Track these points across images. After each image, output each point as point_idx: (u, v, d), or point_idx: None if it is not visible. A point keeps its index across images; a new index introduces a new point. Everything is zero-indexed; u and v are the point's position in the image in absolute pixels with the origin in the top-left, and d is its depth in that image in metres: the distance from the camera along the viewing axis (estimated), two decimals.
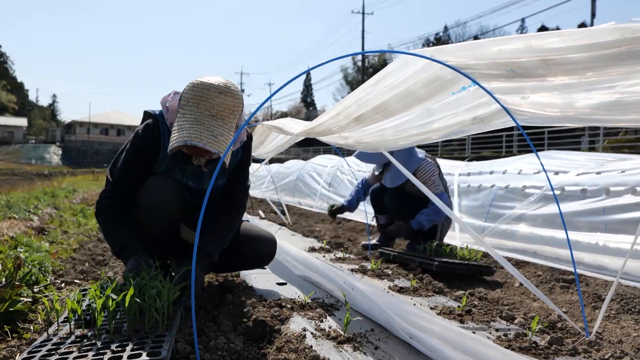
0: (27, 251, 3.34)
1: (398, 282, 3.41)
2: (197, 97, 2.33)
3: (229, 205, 2.83)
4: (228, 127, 2.35)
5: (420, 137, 3.05)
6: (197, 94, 2.33)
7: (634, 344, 2.36)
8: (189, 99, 2.34)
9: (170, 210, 2.61)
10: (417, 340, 2.08)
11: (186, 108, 2.34)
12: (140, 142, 2.59)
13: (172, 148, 2.27)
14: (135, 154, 2.60)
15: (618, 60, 1.48)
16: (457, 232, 5.54)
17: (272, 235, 3.16)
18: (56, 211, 6.62)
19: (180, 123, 2.31)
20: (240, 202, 2.90)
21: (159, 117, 2.63)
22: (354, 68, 58.95)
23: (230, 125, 2.37)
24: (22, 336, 2.12)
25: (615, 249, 3.84)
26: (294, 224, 7.44)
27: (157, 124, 2.61)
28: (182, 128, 2.27)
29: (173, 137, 2.28)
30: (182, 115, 2.34)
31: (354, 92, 2.63)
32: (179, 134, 2.26)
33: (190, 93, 2.35)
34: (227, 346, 1.94)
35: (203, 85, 2.34)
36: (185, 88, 2.41)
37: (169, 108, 2.58)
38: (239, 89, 2.47)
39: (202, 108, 2.31)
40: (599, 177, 4.40)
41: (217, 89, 2.34)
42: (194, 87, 2.35)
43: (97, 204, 2.63)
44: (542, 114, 2.27)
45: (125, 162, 2.61)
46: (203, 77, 2.41)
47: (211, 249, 2.59)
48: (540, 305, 3.06)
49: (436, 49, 2.02)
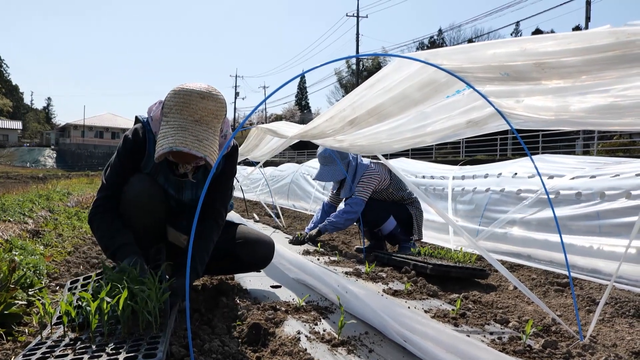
0: (22, 254, 3.32)
1: (392, 285, 3.41)
2: (180, 103, 2.33)
3: (207, 218, 2.73)
4: (212, 131, 2.35)
5: (415, 140, 3.06)
6: (179, 100, 2.34)
7: (628, 348, 2.37)
8: (172, 106, 2.35)
9: (152, 204, 2.63)
10: (412, 343, 2.08)
11: (169, 115, 2.34)
12: (131, 145, 2.61)
13: (158, 155, 2.27)
14: (125, 157, 2.62)
15: (613, 63, 1.48)
16: (452, 236, 5.55)
17: (269, 237, 3.17)
18: (51, 214, 6.59)
19: (164, 130, 2.31)
20: (218, 213, 2.79)
21: (146, 124, 2.65)
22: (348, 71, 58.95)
23: (215, 130, 2.37)
24: (17, 339, 2.11)
25: (609, 253, 3.85)
26: (288, 226, 7.43)
27: (144, 130, 2.63)
28: (166, 135, 2.28)
29: (159, 145, 2.28)
30: (165, 123, 2.34)
31: (348, 95, 2.64)
32: (164, 140, 2.26)
33: (172, 100, 2.35)
34: (222, 349, 1.94)
35: (185, 91, 2.35)
36: (167, 96, 2.41)
37: (152, 117, 2.59)
38: (221, 93, 2.47)
39: (185, 114, 2.31)
40: (593, 180, 4.42)
41: (200, 94, 2.34)
42: (176, 94, 2.36)
43: (92, 210, 2.64)
44: (536, 118, 2.28)
45: (117, 165, 2.64)
46: (185, 84, 2.41)
47: (197, 265, 2.57)
48: (535, 308, 3.07)
49: (431, 52, 2.03)
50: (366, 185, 4.97)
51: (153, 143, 2.57)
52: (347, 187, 5.16)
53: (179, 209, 2.82)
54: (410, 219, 5.02)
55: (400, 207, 5.03)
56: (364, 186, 4.98)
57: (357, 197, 4.96)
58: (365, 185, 4.97)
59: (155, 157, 2.28)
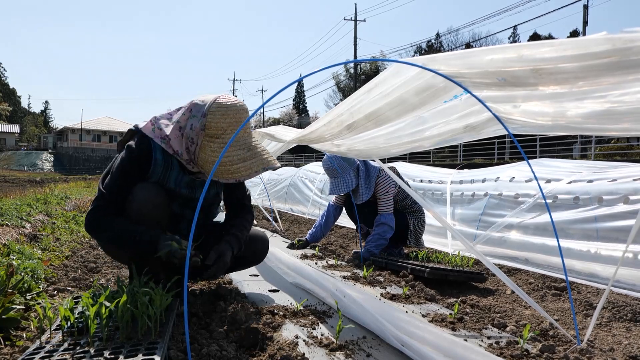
0: (20, 258, 3.32)
1: (390, 290, 3.41)
2: (234, 123, 2.51)
3: (242, 207, 3.08)
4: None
5: (412, 145, 3.06)
6: (231, 120, 2.50)
7: (625, 352, 2.38)
8: (225, 128, 2.49)
9: (157, 215, 2.63)
10: (409, 348, 2.08)
11: (226, 137, 2.49)
12: (137, 154, 2.63)
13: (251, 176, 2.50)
14: (131, 166, 2.63)
15: (609, 70, 1.49)
16: (449, 240, 5.56)
17: (263, 233, 3.31)
18: (48, 218, 6.58)
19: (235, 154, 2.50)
20: (249, 209, 3.13)
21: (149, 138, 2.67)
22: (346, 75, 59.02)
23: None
24: (15, 344, 2.11)
25: (607, 257, 3.86)
26: (286, 230, 7.44)
27: (148, 139, 2.66)
28: (245, 158, 2.51)
29: (243, 167, 2.49)
30: (224, 144, 2.47)
31: (346, 99, 2.65)
32: (250, 162, 2.51)
33: (224, 121, 2.49)
34: (220, 353, 1.94)
35: (234, 109, 2.52)
36: (207, 117, 2.51)
37: (170, 137, 2.60)
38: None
39: (242, 131, 2.53)
40: (590, 185, 4.43)
41: (242, 108, 2.57)
42: (224, 115, 2.50)
43: (92, 215, 2.58)
44: (533, 123, 2.29)
45: (119, 174, 2.62)
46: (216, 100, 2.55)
47: (239, 233, 2.86)
48: (532, 312, 3.07)
49: (428, 58, 2.04)
50: (387, 196, 4.90)
51: (160, 149, 2.65)
52: (360, 191, 5.02)
53: (188, 207, 2.88)
54: (406, 229, 4.99)
55: (399, 215, 5.01)
56: (386, 198, 4.90)
57: (387, 214, 4.86)
58: (387, 197, 4.90)
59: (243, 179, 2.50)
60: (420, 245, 5.05)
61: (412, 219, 5.01)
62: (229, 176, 2.50)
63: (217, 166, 2.19)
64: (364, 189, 4.97)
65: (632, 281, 3.55)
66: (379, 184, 4.94)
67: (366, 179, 4.98)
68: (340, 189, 5.00)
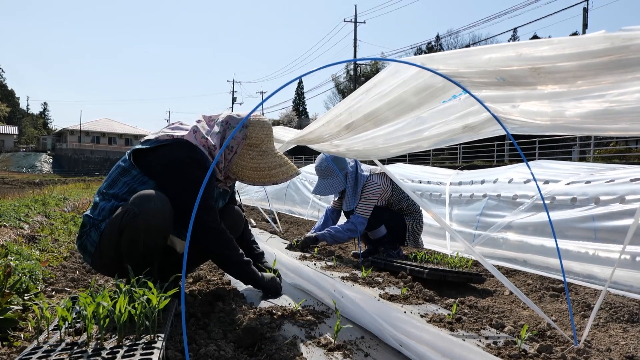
0: (18, 259, 3.31)
1: (389, 290, 3.41)
2: (268, 135, 2.89)
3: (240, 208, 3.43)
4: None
5: (411, 145, 3.07)
6: (267, 132, 2.89)
7: (622, 352, 2.38)
8: (263, 138, 2.86)
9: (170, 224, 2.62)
10: (407, 347, 2.08)
11: (263, 146, 2.87)
12: (201, 165, 2.69)
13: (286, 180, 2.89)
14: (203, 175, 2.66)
15: (608, 69, 1.49)
16: (448, 241, 5.56)
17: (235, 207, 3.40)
18: (47, 219, 6.58)
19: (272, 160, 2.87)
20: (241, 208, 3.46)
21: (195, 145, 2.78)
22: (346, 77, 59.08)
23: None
24: (13, 344, 2.11)
25: (604, 259, 3.86)
26: (285, 232, 7.43)
27: (200, 150, 2.76)
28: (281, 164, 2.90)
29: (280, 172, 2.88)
30: (263, 153, 2.86)
31: (345, 99, 2.65)
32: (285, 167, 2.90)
33: (262, 132, 2.86)
34: (218, 354, 1.94)
35: (267, 123, 2.91)
36: (249, 128, 2.85)
37: (215, 146, 2.80)
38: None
39: (272, 142, 2.92)
40: (588, 186, 4.43)
41: (271, 123, 2.97)
42: (262, 128, 2.87)
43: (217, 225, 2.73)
44: (532, 123, 2.29)
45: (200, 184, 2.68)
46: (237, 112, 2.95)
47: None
48: (530, 313, 3.07)
49: (427, 57, 2.04)
50: (367, 202, 4.93)
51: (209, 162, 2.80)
52: (347, 198, 5.11)
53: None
54: (404, 230, 5.00)
55: (396, 216, 5.02)
56: (366, 203, 4.94)
57: (359, 216, 4.92)
58: (367, 202, 4.93)
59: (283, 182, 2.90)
60: (419, 246, 5.05)
61: (409, 220, 5.01)
62: (267, 180, 2.85)
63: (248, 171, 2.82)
64: (351, 197, 5.07)
65: (629, 282, 3.56)
66: (364, 187, 5.00)
67: (354, 187, 5.06)
68: (324, 190, 5.18)
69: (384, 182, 4.99)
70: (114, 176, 2.77)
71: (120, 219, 2.50)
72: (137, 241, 2.49)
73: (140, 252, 2.51)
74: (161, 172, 2.68)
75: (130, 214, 2.47)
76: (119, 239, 2.52)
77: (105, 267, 2.76)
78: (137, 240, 2.49)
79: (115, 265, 2.62)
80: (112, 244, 2.56)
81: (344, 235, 4.99)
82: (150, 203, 2.50)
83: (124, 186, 2.71)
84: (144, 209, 2.48)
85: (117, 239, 2.52)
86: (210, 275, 3.71)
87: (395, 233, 5.00)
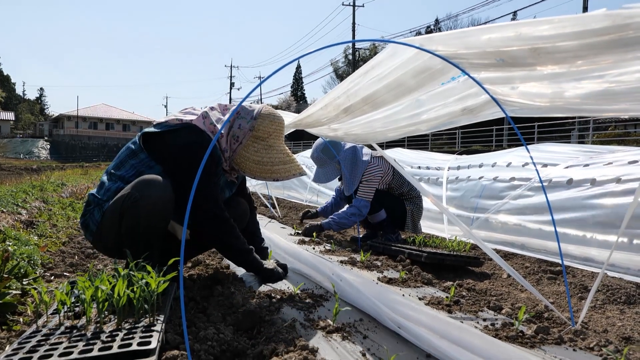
0: (16, 244, 3.31)
1: (387, 274, 3.42)
2: (278, 130, 2.86)
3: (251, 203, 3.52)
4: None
5: (410, 129, 3.05)
6: (277, 127, 2.86)
7: (618, 333, 2.39)
8: (271, 132, 2.84)
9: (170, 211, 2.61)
10: (405, 330, 2.09)
11: (270, 140, 2.84)
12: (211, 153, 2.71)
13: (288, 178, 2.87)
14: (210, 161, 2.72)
15: (608, 47, 1.47)
16: (446, 225, 5.57)
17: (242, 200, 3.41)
18: (45, 205, 6.57)
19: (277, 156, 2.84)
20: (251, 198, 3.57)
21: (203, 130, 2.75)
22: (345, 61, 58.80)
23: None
24: (12, 328, 2.12)
25: (601, 241, 3.87)
26: (284, 216, 7.44)
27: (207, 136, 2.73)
28: (285, 162, 2.87)
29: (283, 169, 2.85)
30: (268, 147, 2.84)
31: (342, 82, 2.63)
32: (289, 166, 2.87)
33: (271, 127, 2.84)
34: (217, 336, 1.94)
35: (278, 119, 2.88)
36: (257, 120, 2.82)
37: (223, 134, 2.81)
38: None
39: (281, 138, 2.90)
40: (587, 169, 4.44)
41: (283, 119, 2.92)
42: (272, 122, 2.84)
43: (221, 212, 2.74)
44: (531, 105, 2.28)
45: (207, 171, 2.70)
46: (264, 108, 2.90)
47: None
48: (528, 296, 3.08)
49: (425, 38, 2.02)
50: (369, 185, 4.93)
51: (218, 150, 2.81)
52: (345, 183, 5.11)
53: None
54: (404, 214, 5.01)
55: (396, 201, 5.03)
56: (367, 186, 4.93)
57: (362, 200, 4.92)
58: (368, 185, 4.93)
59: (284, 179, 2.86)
60: (418, 231, 5.06)
61: (409, 206, 5.01)
62: (268, 175, 2.82)
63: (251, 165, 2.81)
64: (348, 181, 5.07)
65: (626, 265, 3.57)
66: (365, 172, 5.00)
67: (351, 172, 5.04)
68: (321, 178, 5.21)
69: (385, 166, 4.98)
70: (122, 157, 2.77)
71: (122, 202, 2.50)
72: (137, 226, 2.48)
73: (140, 236, 2.51)
74: (167, 157, 2.68)
75: (131, 199, 2.47)
76: (120, 222, 2.51)
77: (106, 247, 2.78)
78: (137, 225, 2.48)
79: (116, 247, 2.64)
80: (113, 227, 2.56)
81: (348, 221, 4.99)
82: (151, 189, 2.49)
83: (131, 169, 2.70)
84: (145, 194, 2.47)
85: (118, 222, 2.52)
86: (209, 259, 3.71)
87: (395, 218, 5.00)
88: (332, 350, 1.96)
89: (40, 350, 1.63)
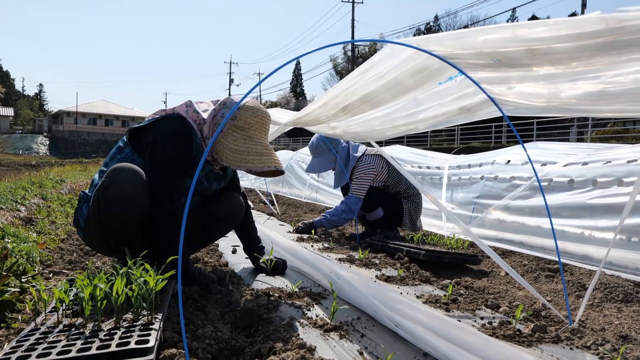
0: (15, 241, 3.31)
1: (385, 272, 3.43)
2: (260, 123, 2.76)
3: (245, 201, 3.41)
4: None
5: (407, 127, 3.06)
6: (259, 120, 2.76)
7: (616, 332, 2.40)
8: (252, 124, 2.74)
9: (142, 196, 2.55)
10: (403, 328, 2.10)
11: (250, 132, 2.74)
12: (185, 139, 2.69)
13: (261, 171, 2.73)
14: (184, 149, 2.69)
15: (603, 50, 1.49)
16: (444, 223, 5.58)
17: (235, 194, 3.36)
18: (44, 201, 6.58)
19: (254, 147, 2.71)
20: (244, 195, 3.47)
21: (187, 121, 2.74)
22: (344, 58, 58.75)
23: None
24: (10, 326, 2.12)
25: (599, 239, 3.88)
26: (282, 213, 7.45)
27: (187, 122, 2.73)
28: (262, 153, 2.72)
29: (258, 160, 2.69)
30: (247, 138, 2.72)
31: (341, 81, 2.64)
32: (265, 158, 2.70)
33: (253, 119, 2.74)
34: (215, 334, 1.95)
35: (262, 112, 2.78)
36: (240, 110, 2.73)
37: (205, 120, 2.76)
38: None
39: (263, 132, 2.79)
40: (585, 167, 4.44)
41: (268, 114, 2.83)
42: (255, 114, 2.75)
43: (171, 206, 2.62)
44: (527, 104, 2.29)
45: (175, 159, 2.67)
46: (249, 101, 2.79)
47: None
48: (526, 294, 3.09)
49: (423, 38, 2.03)
50: (360, 182, 4.95)
51: (198, 135, 2.76)
52: (336, 177, 5.17)
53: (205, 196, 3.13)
54: (400, 213, 5.01)
55: (393, 199, 5.03)
56: (358, 183, 4.95)
57: (353, 196, 4.94)
58: (359, 182, 4.95)
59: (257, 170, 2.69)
60: (417, 229, 5.07)
61: (407, 204, 5.01)
62: (242, 164, 2.69)
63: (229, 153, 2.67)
64: (339, 175, 5.13)
65: (623, 263, 3.58)
66: (355, 168, 5.03)
67: (346, 165, 5.10)
68: (314, 168, 5.25)
69: (378, 163, 4.98)
70: (111, 154, 2.83)
71: (96, 192, 2.54)
72: (111, 213, 2.49)
73: (116, 224, 2.51)
74: (146, 147, 2.72)
75: (102, 186, 2.50)
76: (99, 213, 2.55)
77: (94, 242, 2.84)
78: (111, 212, 2.49)
79: (102, 241, 2.72)
80: (95, 219, 2.61)
81: (339, 218, 5.02)
82: (120, 173, 2.50)
83: (117, 163, 2.71)
84: (115, 180, 2.48)
85: (97, 213, 2.57)
86: (207, 257, 3.72)
87: (391, 216, 5.01)
88: (329, 349, 1.97)
89: (38, 349, 1.64)
